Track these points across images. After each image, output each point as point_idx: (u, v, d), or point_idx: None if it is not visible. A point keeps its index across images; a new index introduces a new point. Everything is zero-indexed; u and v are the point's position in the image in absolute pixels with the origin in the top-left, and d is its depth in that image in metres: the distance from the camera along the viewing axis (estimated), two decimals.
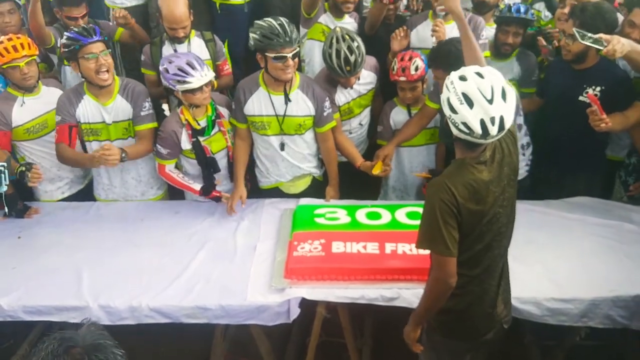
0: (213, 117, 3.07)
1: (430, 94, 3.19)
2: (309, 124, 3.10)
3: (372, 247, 2.65)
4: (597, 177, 3.30)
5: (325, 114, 3.09)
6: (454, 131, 1.90)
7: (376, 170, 3.09)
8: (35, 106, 3.17)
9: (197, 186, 3.14)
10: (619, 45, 2.51)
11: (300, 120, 3.07)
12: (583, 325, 2.51)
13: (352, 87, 3.23)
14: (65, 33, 3.02)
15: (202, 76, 2.88)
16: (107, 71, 2.96)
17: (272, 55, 2.80)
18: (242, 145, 3.16)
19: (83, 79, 3.06)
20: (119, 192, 3.36)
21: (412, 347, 2.23)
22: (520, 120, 3.08)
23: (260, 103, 3.02)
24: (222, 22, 4.04)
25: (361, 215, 2.91)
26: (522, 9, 3.28)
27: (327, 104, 3.09)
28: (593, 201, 3.10)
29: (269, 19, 2.83)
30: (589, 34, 2.60)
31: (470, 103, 1.82)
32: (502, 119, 1.83)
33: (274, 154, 3.17)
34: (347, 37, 2.99)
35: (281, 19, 2.85)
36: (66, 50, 2.96)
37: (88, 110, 3.09)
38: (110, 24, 3.88)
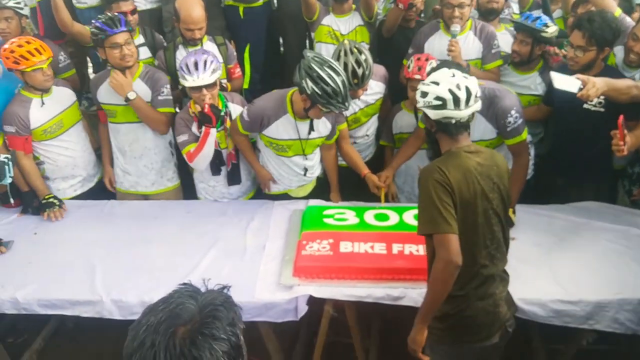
0: (222, 113, 3.10)
1: (421, 118, 3.21)
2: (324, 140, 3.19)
3: (379, 248, 2.69)
4: (604, 187, 3.29)
5: (334, 128, 3.15)
6: (431, 114, 2.13)
7: (382, 200, 3.13)
8: (50, 107, 3.25)
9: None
10: (593, 89, 2.52)
11: (320, 141, 3.15)
12: (590, 329, 2.52)
13: (359, 98, 3.25)
14: (93, 21, 3.14)
15: (197, 79, 2.91)
16: (132, 55, 3.14)
17: (324, 108, 2.80)
18: (245, 139, 3.16)
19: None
20: (132, 180, 3.47)
21: (418, 354, 2.19)
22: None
23: (285, 128, 3.02)
24: (244, 27, 4.08)
25: (369, 217, 2.96)
26: (531, 18, 3.26)
27: (337, 118, 3.14)
28: (600, 206, 3.11)
29: (334, 75, 2.71)
30: (565, 75, 2.60)
31: (437, 83, 2.13)
32: (467, 88, 2.10)
33: (290, 173, 3.22)
34: (355, 50, 3.01)
35: (342, 74, 2.76)
36: (94, 38, 3.14)
37: (108, 91, 3.25)
38: None
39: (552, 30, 3.29)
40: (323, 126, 3.07)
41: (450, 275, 2.01)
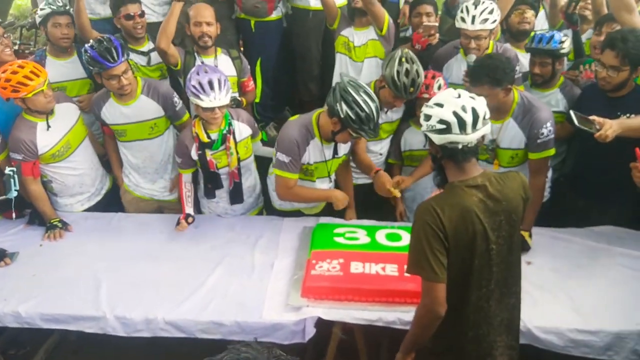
0: (224, 132, 3.04)
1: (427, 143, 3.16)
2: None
3: (391, 269, 2.61)
4: (626, 211, 3.16)
5: (352, 144, 3.09)
6: (435, 139, 1.97)
7: (395, 193, 3.02)
8: (56, 129, 3.14)
9: (188, 209, 3.16)
10: (610, 130, 2.53)
11: (341, 160, 3.10)
12: None
13: (391, 110, 3.22)
14: (88, 50, 3.02)
15: (214, 99, 2.87)
16: (129, 84, 3.11)
17: (354, 134, 2.75)
18: (300, 187, 3.03)
19: None
20: (147, 189, 3.47)
21: None
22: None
23: (314, 152, 2.96)
24: (255, 41, 4.07)
25: (381, 236, 2.88)
26: (545, 40, 3.18)
27: None
28: (620, 231, 3.02)
29: (369, 101, 2.66)
30: (585, 116, 2.59)
31: (440, 105, 1.97)
32: (474, 109, 1.92)
33: None
34: (416, 60, 2.99)
35: (376, 101, 2.70)
36: (91, 67, 3.10)
37: (111, 112, 3.23)
38: None
39: (567, 44, 3.24)
40: (345, 146, 3.03)
41: (431, 323, 1.96)
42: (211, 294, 2.60)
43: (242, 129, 3.15)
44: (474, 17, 3.23)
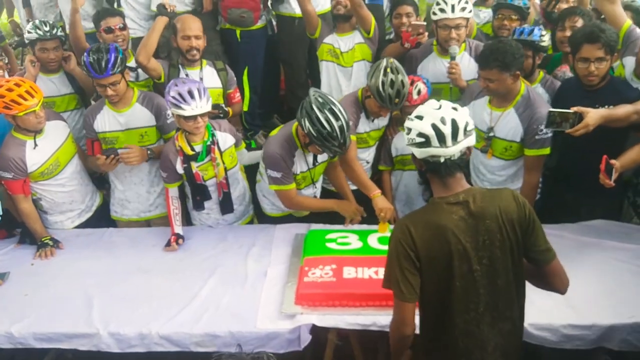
0: (208, 143, 3.05)
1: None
2: None
3: (384, 273, 2.60)
4: (614, 201, 3.21)
5: None
6: (416, 153, 1.91)
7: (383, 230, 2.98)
8: (45, 147, 3.13)
9: (177, 229, 3.12)
10: (592, 120, 2.60)
11: (325, 164, 3.13)
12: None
13: (377, 119, 3.25)
14: (85, 55, 3.08)
15: (195, 107, 2.87)
16: (116, 95, 3.13)
17: (320, 149, 2.80)
18: (301, 197, 3.11)
19: None
20: (134, 208, 3.45)
21: None
22: None
23: (299, 162, 3.01)
24: (242, 50, 4.07)
25: (373, 240, 2.89)
26: (526, 32, 3.23)
27: None
28: (610, 224, 3.04)
29: (332, 119, 2.67)
30: (562, 110, 2.65)
31: (420, 117, 1.88)
32: (454, 121, 1.83)
33: None
34: (401, 70, 3.01)
35: (342, 119, 2.70)
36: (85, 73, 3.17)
37: (105, 119, 3.25)
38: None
39: (547, 38, 3.29)
40: (323, 155, 3.04)
41: (398, 340, 1.98)
42: (204, 306, 2.59)
43: (226, 139, 3.17)
44: (453, 5, 3.28)
